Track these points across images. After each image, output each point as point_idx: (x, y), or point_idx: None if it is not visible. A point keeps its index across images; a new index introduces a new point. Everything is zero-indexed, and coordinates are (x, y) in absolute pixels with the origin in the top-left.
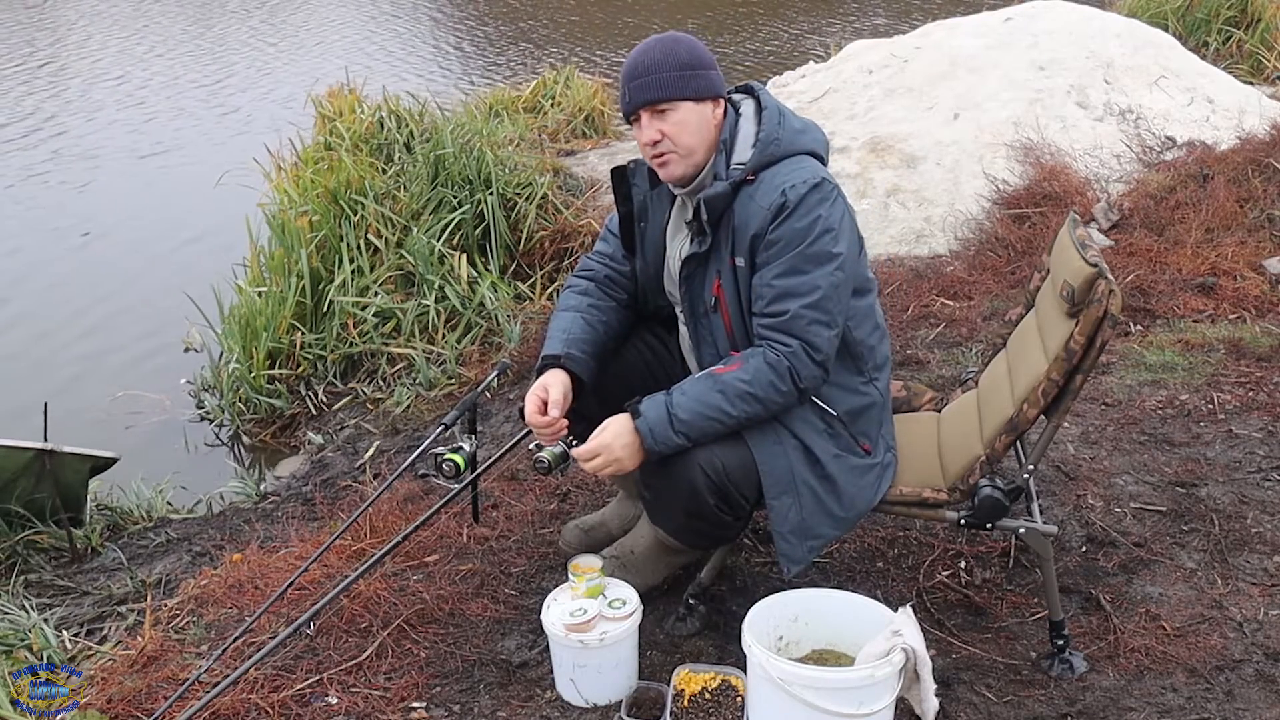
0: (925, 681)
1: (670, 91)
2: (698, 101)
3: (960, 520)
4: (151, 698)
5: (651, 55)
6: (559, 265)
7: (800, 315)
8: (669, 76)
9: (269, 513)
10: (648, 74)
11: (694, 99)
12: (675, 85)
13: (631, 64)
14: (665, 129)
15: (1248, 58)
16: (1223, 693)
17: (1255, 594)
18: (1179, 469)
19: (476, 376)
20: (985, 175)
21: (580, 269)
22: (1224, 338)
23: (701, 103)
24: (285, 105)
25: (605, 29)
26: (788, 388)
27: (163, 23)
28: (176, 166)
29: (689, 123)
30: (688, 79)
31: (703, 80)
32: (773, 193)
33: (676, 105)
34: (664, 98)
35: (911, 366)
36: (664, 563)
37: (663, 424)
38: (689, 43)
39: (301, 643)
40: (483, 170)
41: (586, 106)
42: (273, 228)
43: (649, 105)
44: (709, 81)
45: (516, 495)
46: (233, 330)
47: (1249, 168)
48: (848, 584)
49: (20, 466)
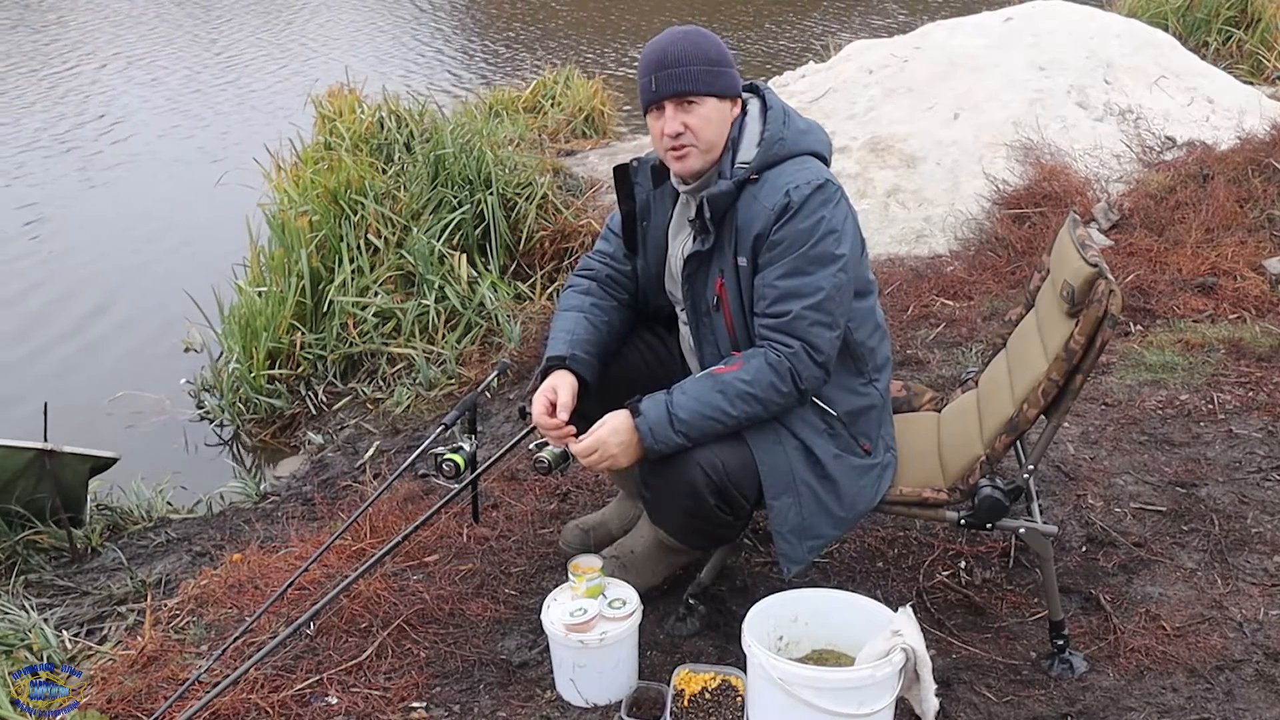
0: (925, 681)
1: (700, 85)
2: (721, 99)
3: (960, 520)
4: (151, 698)
5: (681, 47)
6: (559, 265)
7: (802, 316)
8: (699, 70)
9: (269, 513)
10: (678, 65)
11: (719, 96)
12: (705, 80)
13: (659, 53)
14: (690, 122)
15: (1248, 58)
16: (1223, 693)
17: (1255, 594)
18: (1179, 469)
19: (476, 376)
20: (985, 175)
21: (581, 268)
22: (1224, 338)
23: (724, 100)
24: (285, 105)
25: (606, 29)
26: (789, 389)
27: (163, 23)
28: (177, 166)
29: (713, 119)
30: (717, 75)
31: (728, 79)
32: (777, 193)
33: (704, 100)
34: (694, 91)
35: (911, 366)
36: (664, 563)
37: (663, 423)
38: (715, 39)
39: (301, 643)
40: (483, 170)
41: (586, 106)
42: (273, 228)
43: (677, 96)
44: (732, 80)
45: (516, 495)
46: (233, 330)
47: (1249, 168)
48: (848, 584)
49: (20, 466)
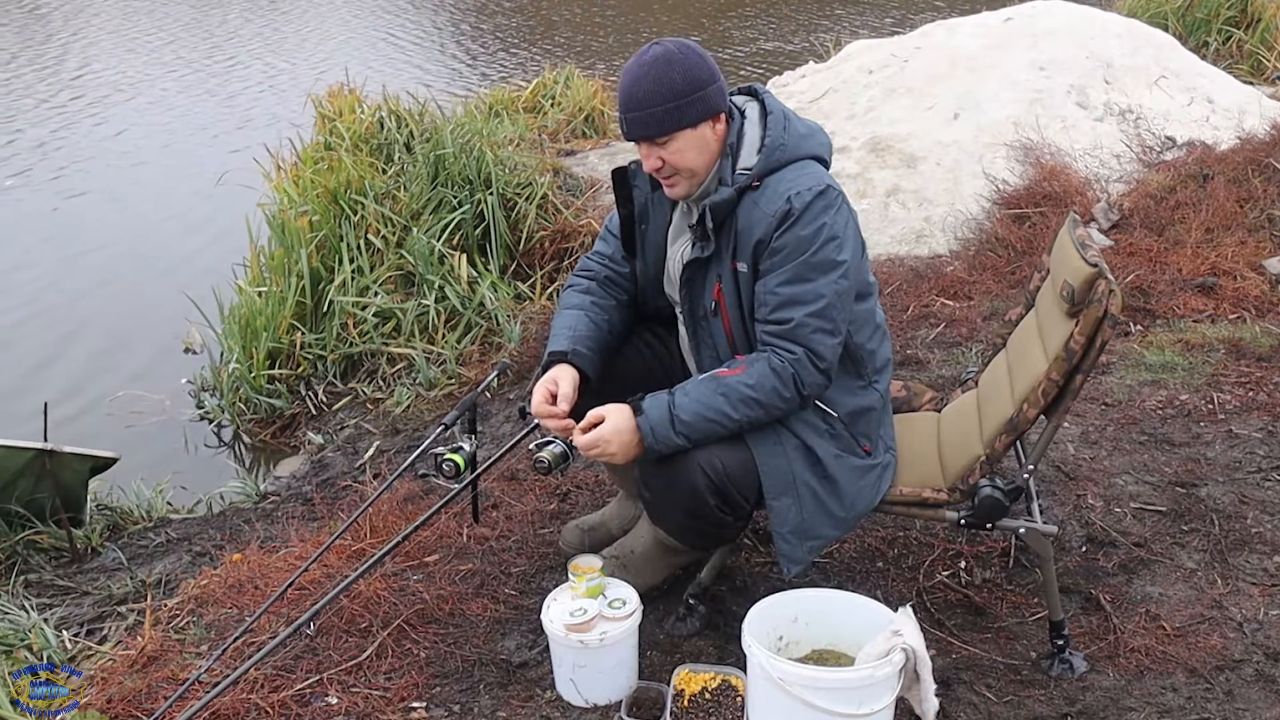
0: (925, 681)
1: (665, 127)
2: (695, 127)
3: (960, 520)
4: (151, 698)
5: (644, 86)
6: (559, 265)
7: (805, 324)
8: (661, 111)
9: (269, 513)
10: (641, 108)
11: (691, 126)
12: (671, 119)
13: (625, 94)
14: (666, 156)
15: (1248, 58)
16: (1223, 693)
17: (1255, 594)
18: (1179, 469)
19: (476, 376)
20: (985, 175)
21: (580, 269)
22: (1224, 338)
23: (699, 126)
24: (285, 105)
25: (605, 29)
26: (791, 394)
27: (163, 23)
28: (177, 166)
29: (688, 150)
30: (683, 109)
31: (699, 105)
32: (778, 199)
33: (675, 135)
34: (660, 133)
35: (911, 366)
36: (664, 563)
37: (664, 424)
38: (682, 64)
39: (301, 643)
40: (483, 170)
41: (586, 106)
42: (273, 228)
43: (645, 140)
44: (706, 104)
45: (516, 495)
46: (233, 330)
47: (1249, 168)
48: (848, 584)
49: (20, 466)
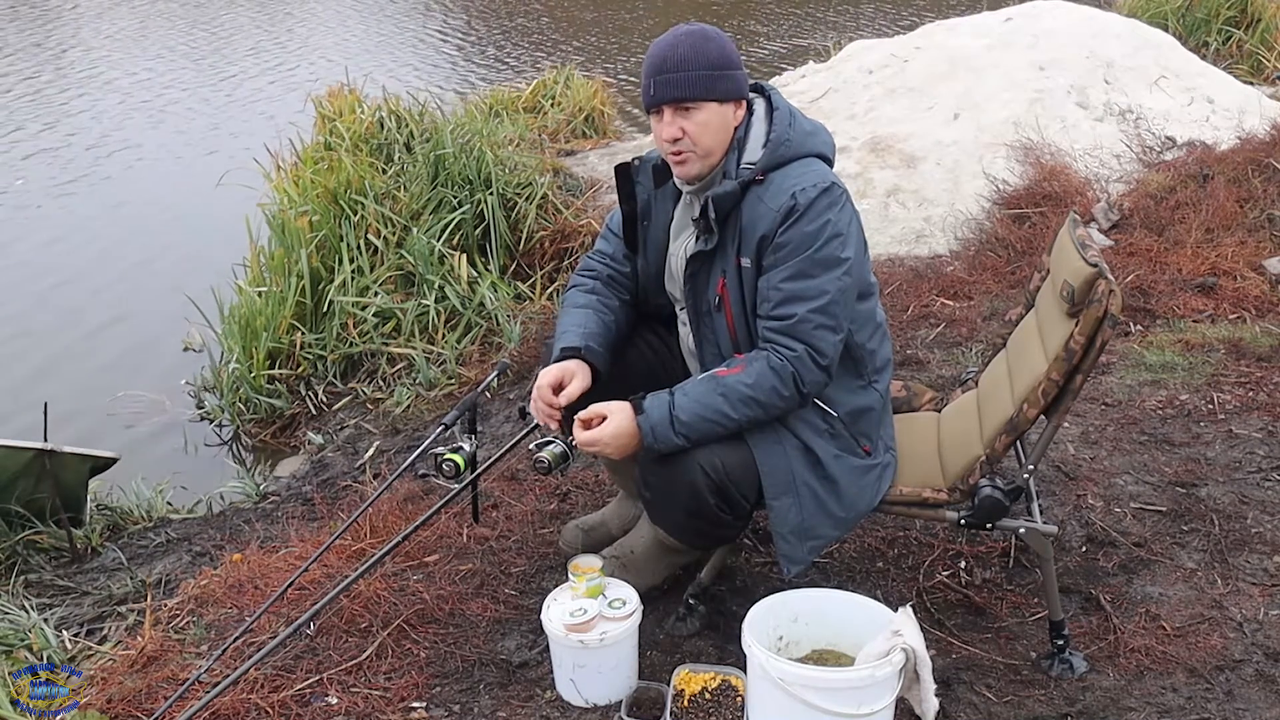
0: (925, 681)
1: (697, 91)
2: (722, 103)
3: (960, 520)
4: (151, 698)
5: (681, 51)
6: (559, 265)
7: (807, 320)
8: (697, 76)
9: (269, 513)
10: (676, 70)
11: (719, 101)
12: (703, 85)
13: (659, 57)
14: (688, 128)
15: (1248, 58)
16: (1223, 693)
17: (1255, 594)
18: (1179, 469)
19: (476, 376)
20: (985, 175)
21: (583, 268)
22: (1224, 338)
23: (725, 104)
24: (285, 105)
25: (605, 29)
26: (790, 393)
27: (163, 24)
28: (177, 167)
29: (711, 124)
30: (716, 80)
31: (730, 82)
32: (782, 195)
33: (702, 105)
34: (691, 97)
35: (911, 366)
36: (664, 563)
37: (664, 424)
38: (719, 40)
39: (301, 643)
40: (483, 170)
41: (586, 106)
42: (273, 228)
43: (674, 103)
44: (735, 83)
45: (516, 495)
46: (233, 330)
47: (1249, 168)
48: (848, 584)
49: (20, 466)
